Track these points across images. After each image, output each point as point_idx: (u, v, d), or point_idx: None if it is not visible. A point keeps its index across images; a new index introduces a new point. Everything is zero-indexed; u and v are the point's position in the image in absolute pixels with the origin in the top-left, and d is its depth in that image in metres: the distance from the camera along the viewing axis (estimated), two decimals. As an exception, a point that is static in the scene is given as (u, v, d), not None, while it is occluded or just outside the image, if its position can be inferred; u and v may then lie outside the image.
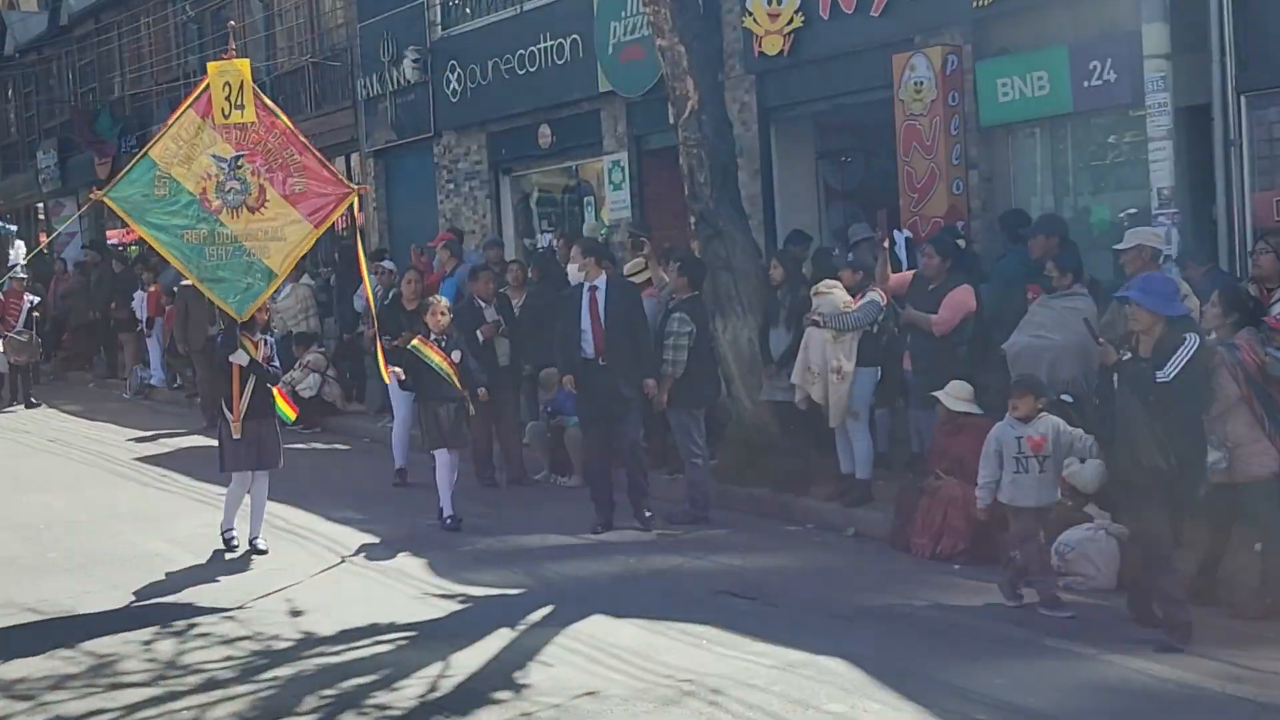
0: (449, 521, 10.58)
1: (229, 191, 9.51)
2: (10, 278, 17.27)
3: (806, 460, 11.15)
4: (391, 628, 7.92)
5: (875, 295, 10.57)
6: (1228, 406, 7.56)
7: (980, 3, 12.19)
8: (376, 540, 10.36)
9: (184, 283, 17.03)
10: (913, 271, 10.69)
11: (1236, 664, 6.89)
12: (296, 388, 16.07)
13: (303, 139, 9.80)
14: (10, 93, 35.36)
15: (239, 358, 9.70)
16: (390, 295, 13.44)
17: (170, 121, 9.59)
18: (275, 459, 9.90)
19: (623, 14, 15.85)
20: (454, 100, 19.08)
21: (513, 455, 12.46)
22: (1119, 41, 11.10)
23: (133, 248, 29.59)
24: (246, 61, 9.63)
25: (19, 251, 21.03)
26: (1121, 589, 8.07)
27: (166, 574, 9.43)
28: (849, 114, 14.42)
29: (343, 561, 9.76)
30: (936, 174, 12.42)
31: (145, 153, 9.53)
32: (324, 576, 9.30)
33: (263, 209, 9.56)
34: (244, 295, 9.64)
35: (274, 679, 7.05)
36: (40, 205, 33.36)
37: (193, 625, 8.12)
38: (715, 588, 8.65)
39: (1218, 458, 7.55)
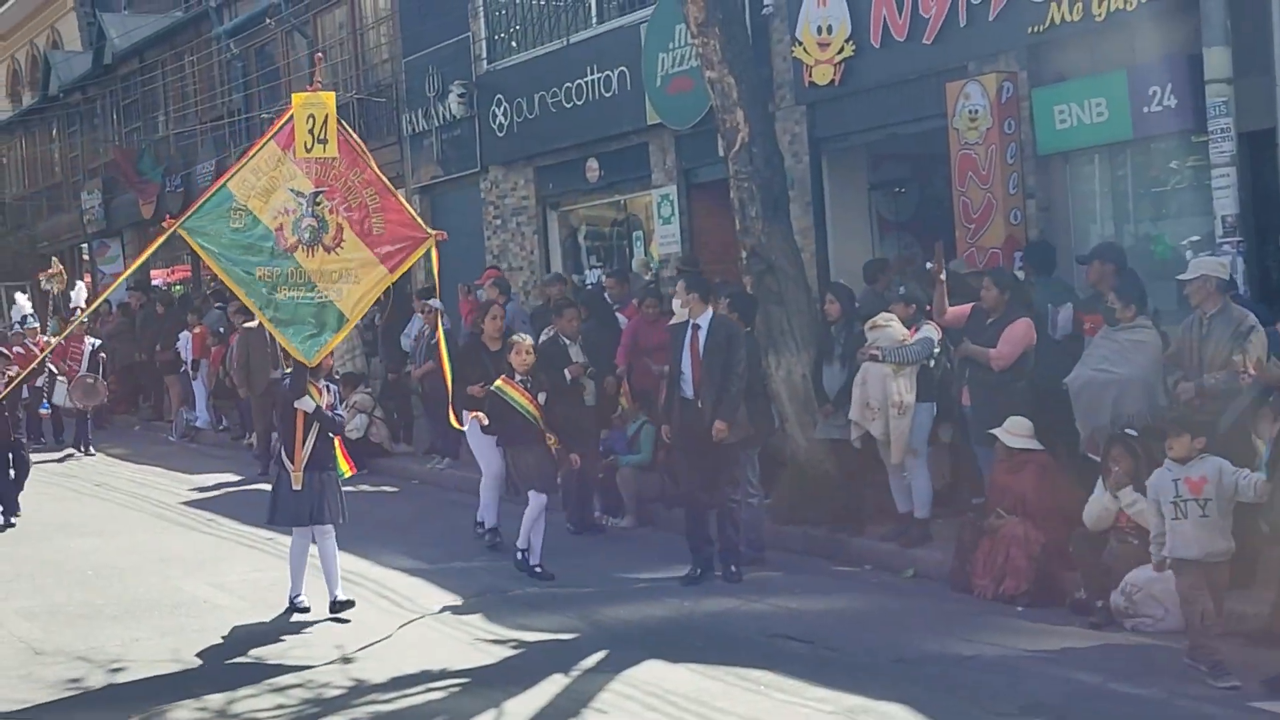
0: (528, 563, 10.43)
1: (306, 229, 9.31)
2: (74, 319, 17.30)
3: (862, 499, 11.13)
4: (444, 674, 7.96)
5: (929, 329, 10.58)
6: None
7: (1036, 28, 12.20)
8: (432, 585, 10.41)
9: (248, 324, 17.10)
10: (971, 305, 10.67)
11: None
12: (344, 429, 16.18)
13: (384, 180, 9.61)
14: (55, 132, 35.95)
15: (305, 404, 9.40)
16: (467, 335, 13.42)
17: (250, 153, 9.42)
18: (336, 512, 9.56)
19: (671, 46, 15.95)
20: (500, 135, 19.23)
21: (586, 499, 12.31)
22: (1179, 66, 11.07)
23: (177, 287, 29.99)
24: (332, 95, 9.47)
25: (79, 294, 21.18)
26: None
27: (216, 620, 9.50)
28: (902, 144, 14.43)
29: (403, 614, 9.80)
30: (993, 204, 12.41)
31: (223, 184, 9.34)
32: (376, 622, 9.35)
33: (339, 249, 9.37)
34: (313, 339, 9.40)
35: (325, 728, 7.10)
36: (85, 245, 33.84)
37: (243, 672, 8.18)
38: (771, 631, 8.64)
39: None
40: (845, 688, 7.29)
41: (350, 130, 9.58)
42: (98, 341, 20.08)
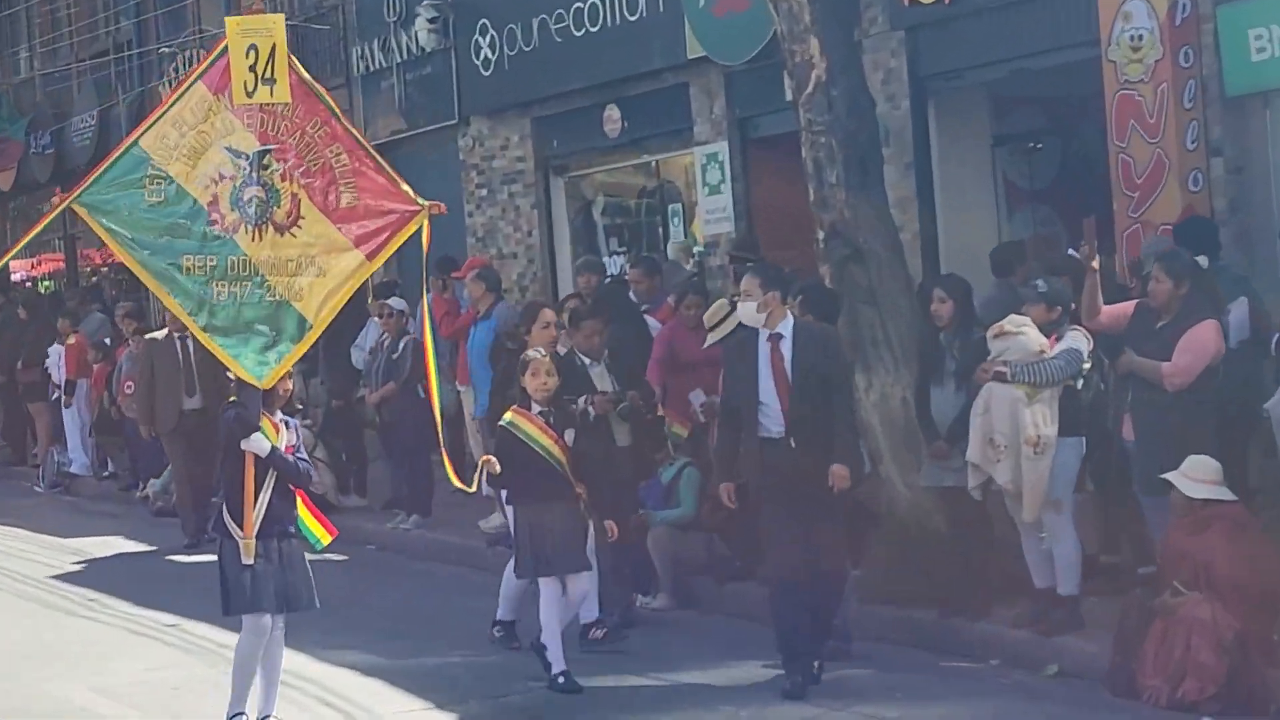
0: (561, 681, 10.24)
1: (249, 201, 9.14)
2: None
3: (985, 568, 11.09)
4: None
5: (1077, 337, 10.53)
6: None
7: (1223, -79, 12.19)
8: (395, 689, 10.41)
9: (152, 333, 17.18)
10: (1135, 302, 10.63)
11: None
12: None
13: (355, 132, 9.53)
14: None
15: (257, 445, 9.15)
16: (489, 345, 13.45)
17: (169, 100, 9.25)
18: (306, 596, 9.41)
19: (719, -51, 16.01)
20: (485, 74, 19.27)
21: (623, 579, 12.09)
22: None
23: (45, 284, 30.12)
24: (281, 18, 9.38)
25: None
26: None
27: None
28: (1038, 82, 14.40)
29: None
30: (1165, 163, 12.39)
31: (133, 140, 9.17)
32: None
33: (296, 228, 9.21)
34: (265, 353, 9.19)
35: None
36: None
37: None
38: (862, 754, 8.65)
39: None
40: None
41: (301, 67, 9.43)
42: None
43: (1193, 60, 12.43)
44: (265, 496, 9.25)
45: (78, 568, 15.44)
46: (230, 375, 15.94)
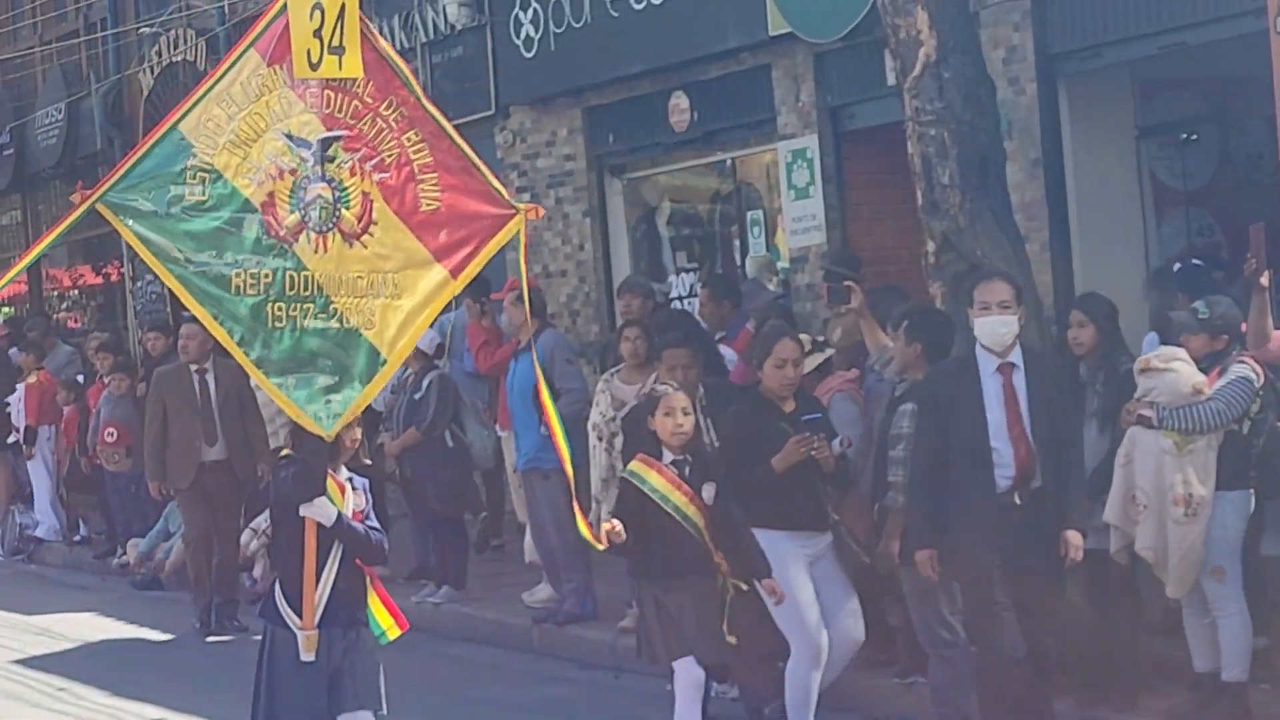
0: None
1: (313, 203, 8.89)
2: None
3: (1133, 649, 11.06)
4: None
5: (1244, 370, 10.51)
6: None
7: None
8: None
9: (163, 367, 16.84)
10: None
11: None
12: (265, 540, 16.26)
13: (438, 115, 9.27)
14: None
15: (321, 511, 8.93)
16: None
17: (215, 73, 8.92)
18: (373, 697, 9.23)
19: (806, -96, 16.04)
20: (528, 56, 19.35)
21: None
22: None
23: (4, 310, 30.29)
24: None
25: None
26: None
27: None
28: (1192, 62, 14.38)
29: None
30: (1348, 158, 12.36)
31: (171, 124, 8.81)
32: None
33: (367, 236, 8.97)
34: (330, 395, 8.92)
35: None
36: None
37: None
38: None
39: None
40: None
41: (376, 33, 9.18)
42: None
43: (1381, 33, 12.41)
44: (329, 575, 9.04)
45: (44, 650, 15.50)
46: (279, 420, 15.76)
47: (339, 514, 8.97)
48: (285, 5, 8.89)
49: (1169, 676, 10.90)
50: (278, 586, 9.08)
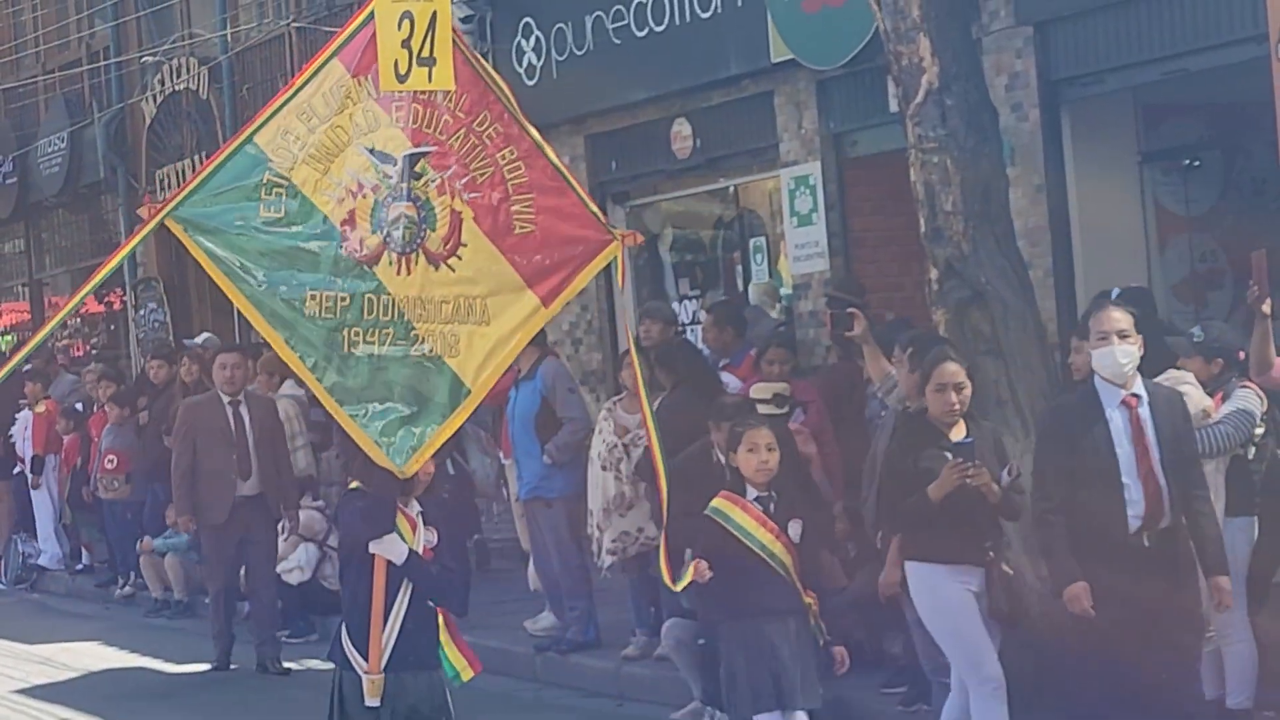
0: None
1: (396, 221, 8.56)
2: None
3: (1141, 676, 11.02)
4: None
5: (1248, 396, 10.51)
6: None
7: None
8: None
9: (192, 398, 16.30)
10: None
11: None
12: (279, 568, 16.31)
13: (534, 133, 8.94)
14: None
15: (390, 548, 8.63)
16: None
17: (295, 83, 8.65)
18: None
19: (809, -68, 16.05)
20: (530, 83, 19.34)
21: None
22: None
23: (5, 337, 30.28)
24: None
25: None
26: None
27: None
28: (1196, 86, 14.36)
29: None
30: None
31: (246, 136, 8.53)
32: None
33: (455, 259, 8.65)
34: (406, 426, 8.62)
35: None
36: None
37: None
38: None
39: None
40: None
41: (466, 45, 8.89)
42: None
43: (1384, 57, 12.41)
44: (398, 616, 8.73)
45: (46, 680, 15.49)
46: (299, 441, 15.00)
47: (410, 552, 8.67)
48: (372, 13, 8.59)
49: (1181, 698, 10.83)
50: (344, 627, 8.82)
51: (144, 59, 25.24)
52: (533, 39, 19.28)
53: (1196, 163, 15.49)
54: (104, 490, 18.71)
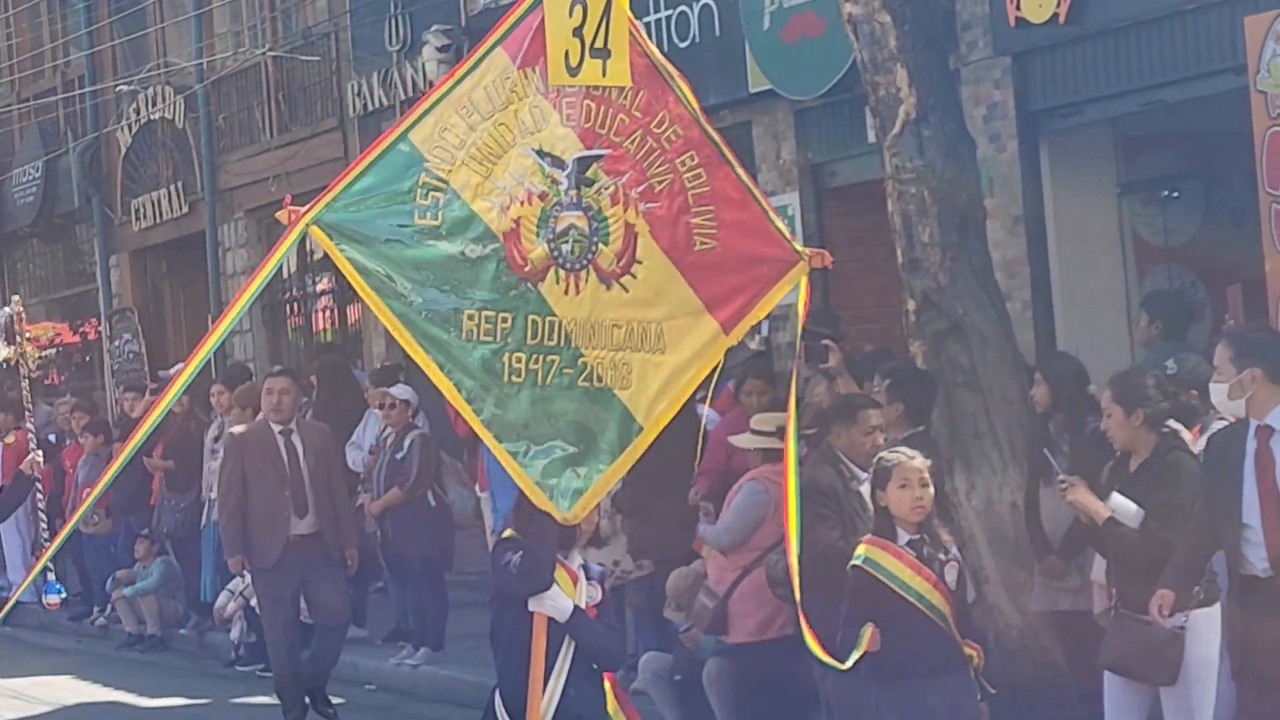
0: None
1: (565, 234, 7.93)
2: None
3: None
4: None
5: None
6: None
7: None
8: None
9: (237, 428, 15.42)
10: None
11: None
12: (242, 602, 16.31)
13: (717, 137, 8.31)
14: None
15: (552, 605, 8.01)
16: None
17: (453, 75, 8.01)
18: None
19: (787, -34, 16.10)
20: (508, 113, 19.40)
21: None
22: None
23: (-14, 360, 30.24)
24: None
25: None
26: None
27: None
28: (1173, 119, 14.47)
29: None
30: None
31: (400, 132, 7.85)
32: None
33: (628, 278, 8.00)
34: (570, 467, 7.93)
35: None
36: None
37: None
38: None
39: None
40: None
41: (643, 35, 8.26)
42: None
43: (1360, 90, 12.47)
44: (559, 678, 8.17)
45: (19, 714, 15.48)
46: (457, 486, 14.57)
47: (574, 608, 8.10)
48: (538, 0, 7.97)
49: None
50: (497, 693, 8.34)
51: (119, 88, 25.23)
52: (511, 69, 19.27)
53: (1175, 194, 15.56)
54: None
